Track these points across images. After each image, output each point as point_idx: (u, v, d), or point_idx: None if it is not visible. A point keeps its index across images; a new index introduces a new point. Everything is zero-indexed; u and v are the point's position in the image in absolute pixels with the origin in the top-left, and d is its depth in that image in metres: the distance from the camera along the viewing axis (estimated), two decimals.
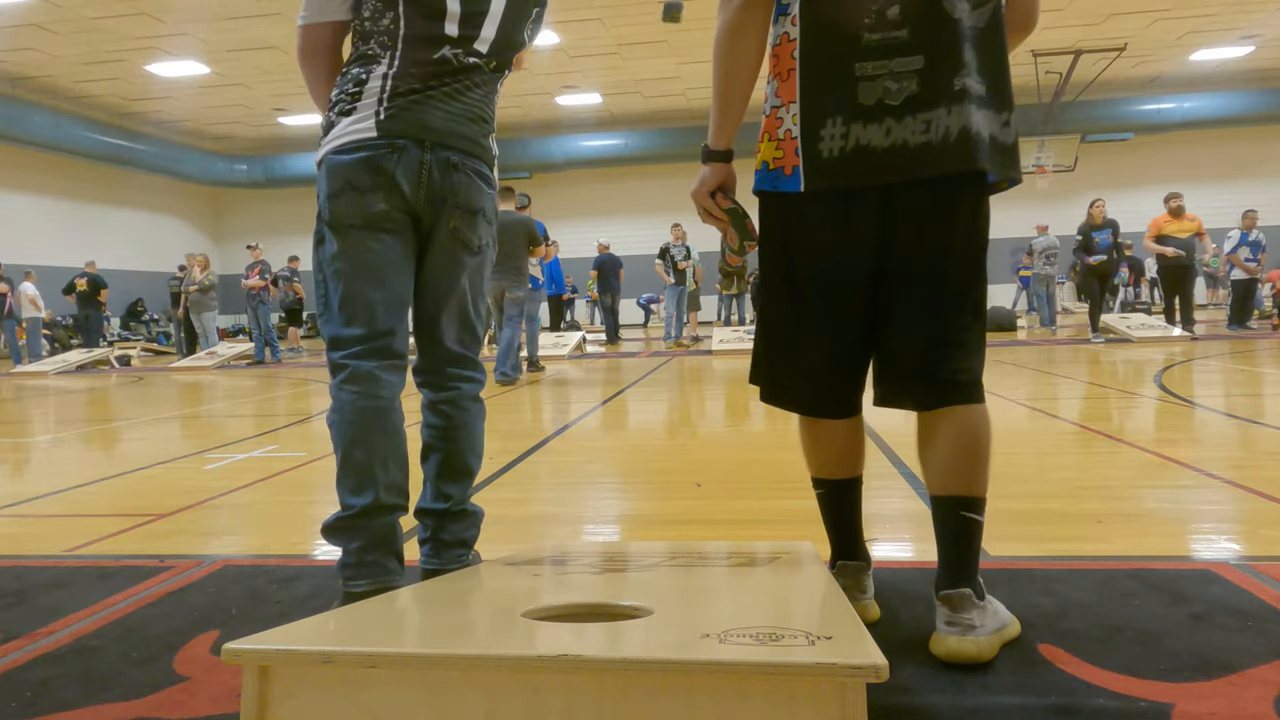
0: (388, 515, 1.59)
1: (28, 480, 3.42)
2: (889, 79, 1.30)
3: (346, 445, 1.57)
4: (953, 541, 1.38)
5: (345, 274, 1.59)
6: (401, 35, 1.60)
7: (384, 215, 1.58)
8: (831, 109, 1.34)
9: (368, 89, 1.59)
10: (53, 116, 14.43)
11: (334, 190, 1.58)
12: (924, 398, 1.40)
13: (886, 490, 2.65)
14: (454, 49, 1.62)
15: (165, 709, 1.28)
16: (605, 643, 1.00)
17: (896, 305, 1.39)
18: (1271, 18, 13.20)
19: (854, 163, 1.33)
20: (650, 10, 11.92)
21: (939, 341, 1.37)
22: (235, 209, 21.89)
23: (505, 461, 3.41)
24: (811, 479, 1.60)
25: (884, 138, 1.31)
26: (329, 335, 1.63)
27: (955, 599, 1.34)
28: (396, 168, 1.57)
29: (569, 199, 20.52)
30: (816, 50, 1.35)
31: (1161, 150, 18.36)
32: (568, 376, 7.63)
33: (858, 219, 1.36)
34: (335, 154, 1.59)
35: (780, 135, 1.41)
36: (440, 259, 1.67)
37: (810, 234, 1.41)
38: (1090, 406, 4.46)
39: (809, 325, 1.44)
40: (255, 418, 5.32)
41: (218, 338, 12.43)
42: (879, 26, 1.30)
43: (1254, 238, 10.26)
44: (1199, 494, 2.50)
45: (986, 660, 1.32)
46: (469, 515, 1.77)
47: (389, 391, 1.61)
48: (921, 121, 1.29)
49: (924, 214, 1.34)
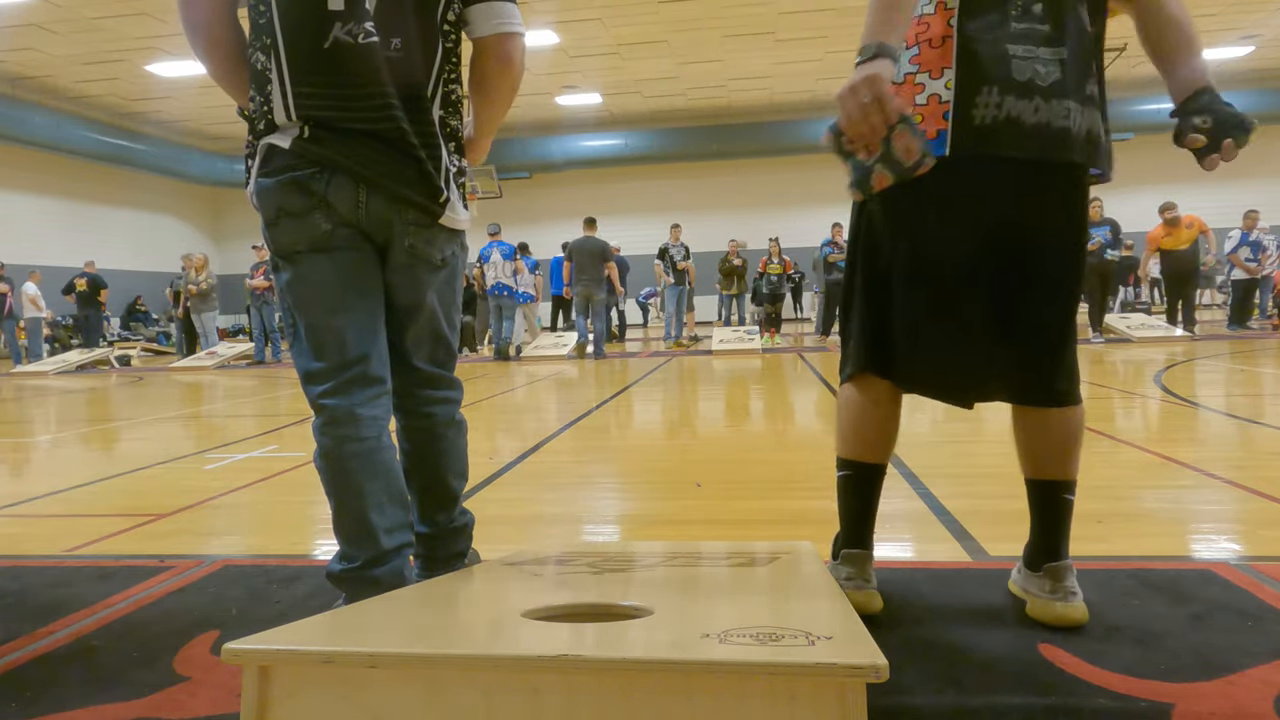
0: (394, 560, 1.49)
1: (28, 480, 3.42)
2: (1038, 63, 1.36)
3: (337, 493, 1.48)
4: (1054, 520, 1.51)
5: (305, 303, 1.46)
6: (278, 27, 1.38)
7: (328, 235, 1.43)
8: (989, 78, 1.36)
9: (271, 100, 1.40)
10: (53, 116, 14.42)
11: (270, 217, 1.44)
12: (1033, 393, 1.48)
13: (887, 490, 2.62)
14: (345, 25, 1.37)
15: (165, 709, 1.28)
16: (605, 643, 1.00)
17: (1012, 291, 1.44)
18: (1271, 18, 13.19)
19: (1005, 132, 1.36)
20: (650, 10, 11.92)
21: (1056, 337, 1.46)
22: (235, 209, 21.87)
23: (505, 461, 3.41)
24: (838, 460, 1.63)
25: (1033, 114, 1.35)
26: (301, 370, 1.50)
27: (1060, 570, 1.48)
28: (327, 190, 1.40)
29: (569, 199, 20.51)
30: (973, 24, 1.38)
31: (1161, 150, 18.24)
32: (568, 376, 7.63)
33: (997, 190, 1.40)
34: (262, 177, 1.43)
35: (922, 100, 1.40)
36: (400, 277, 1.52)
37: (948, 204, 1.41)
38: (1091, 406, 4.46)
39: (948, 300, 1.45)
40: (255, 418, 5.32)
41: (218, 338, 12.43)
42: (1024, 17, 1.37)
43: (1254, 238, 10.26)
44: (1199, 494, 2.50)
45: (1086, 622, 1.46)
46: (459, 530, 1.74)
47: (373, 430, 1.47)
48: (1064, 107, 1.36)
49: (1054, 199, 1.42)
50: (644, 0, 11.58)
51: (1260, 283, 10.84)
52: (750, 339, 10.31)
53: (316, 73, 1.39)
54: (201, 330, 11.73)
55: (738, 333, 10.74)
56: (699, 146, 17.84)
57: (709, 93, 16.63)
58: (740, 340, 10.26)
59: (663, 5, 11.80)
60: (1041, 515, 1.53)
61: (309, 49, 1.39)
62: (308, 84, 1.40)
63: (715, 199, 19.30)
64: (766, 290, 11.94)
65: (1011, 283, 1.44)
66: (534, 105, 16.68)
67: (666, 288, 11.63)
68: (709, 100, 17.18)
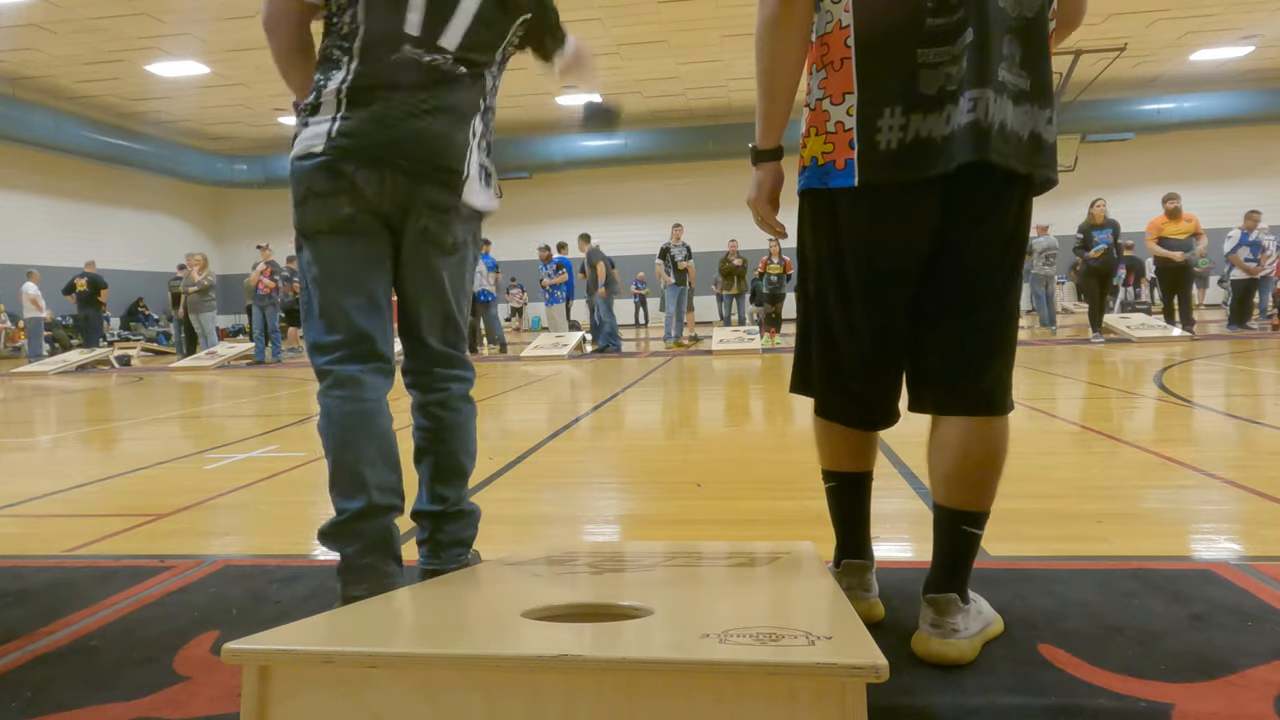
0: (382, 517, 1.58)
1: (28, 480, 3.41)
2: (950, 65, 1.25)
3: (336, 450, 1.57)
4: (948, 551, 1.39)
5: (321, 280, 1.59)
6: (360, 36, 1.57)
7: (350, 219, 1.56)
8: (891, 98, 1.28)
9: (325, 95, 1.56)
10: (53, 116, 14.43)
11: (299, 197, 1.58)
12: (947, 400, 1.37)
13: (887, 490, 2.64)
14: (415, 49, 1.57)
15: (165, 709, 1.28)
16: (605, 643, 1.00)
17: (932, 302, 1.36)
18: (1271, 18, 13.20)
19: (914, 154, 1.27)
20: (650, 10, 11.93)
21: (969, 343, 1.34)
22: (235, 209, 21.89)
23: (505, 461, 3.40)
24: (822, 472, 1.59)
25: (944, 126, 1.26)
26: (311, 341, 1.62)
27: (941, 603, 1.36)
28: (356, 173, 1.54)
29: (569, 199, 20.53)
30: (874, 37, 1.29)
31: (1161, 150, 18.35)
32: (568, 376, 7.63)
33: (917, 214, 1.31)
34: (299, 159, 1.58)
35: (830, 128, 1.35)
36: (414, 259, 1.64)
37: (865, 232, 1.35)
38: (1090, 406, 4.46)
39: (863, 329, 1.40)
40: (255, 418, 5.32)
41: (217, 338, 12.43)
42: (942, 10, 1.25)
43: (1254, 238, 10.26)
44: (1199, 494, 2.50)
45: (967, 661, 1.33)
46: (465, 515, 1.77)
47: (374, 394, 1.60)
48: (969, 100, 1.24)
49: (975, 210, 1.30)
50: (644, 0, 11.59)
51: (1260, 283, 10.85)
52: (750, 339, 10.31)
53: (380, 74, 1.56)
54: (200, 330, 11.73)
55: (738, 333, 10.74)
56: (699, 146, 17.84)
57: (709, 93, 16.64)
58: (740, 340, 10.26)
59: (663, 5, 11.81)
60: (936, 539, 1.40)
61: (379, 55, 1.57)
62: (367, 75, 1.56)
63: (715, 199, 19.31)
64: (766, 290, 11.94)
65: (932, 301, 1.36)
66: (534, 105, 16.68)
67: (667, 288, 11.63)
68: (709, 100, 17.18)
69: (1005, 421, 1.37)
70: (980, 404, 1.35)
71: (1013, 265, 1.35)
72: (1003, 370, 1.36)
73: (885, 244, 1.35)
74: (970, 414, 1.35)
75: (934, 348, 1.37)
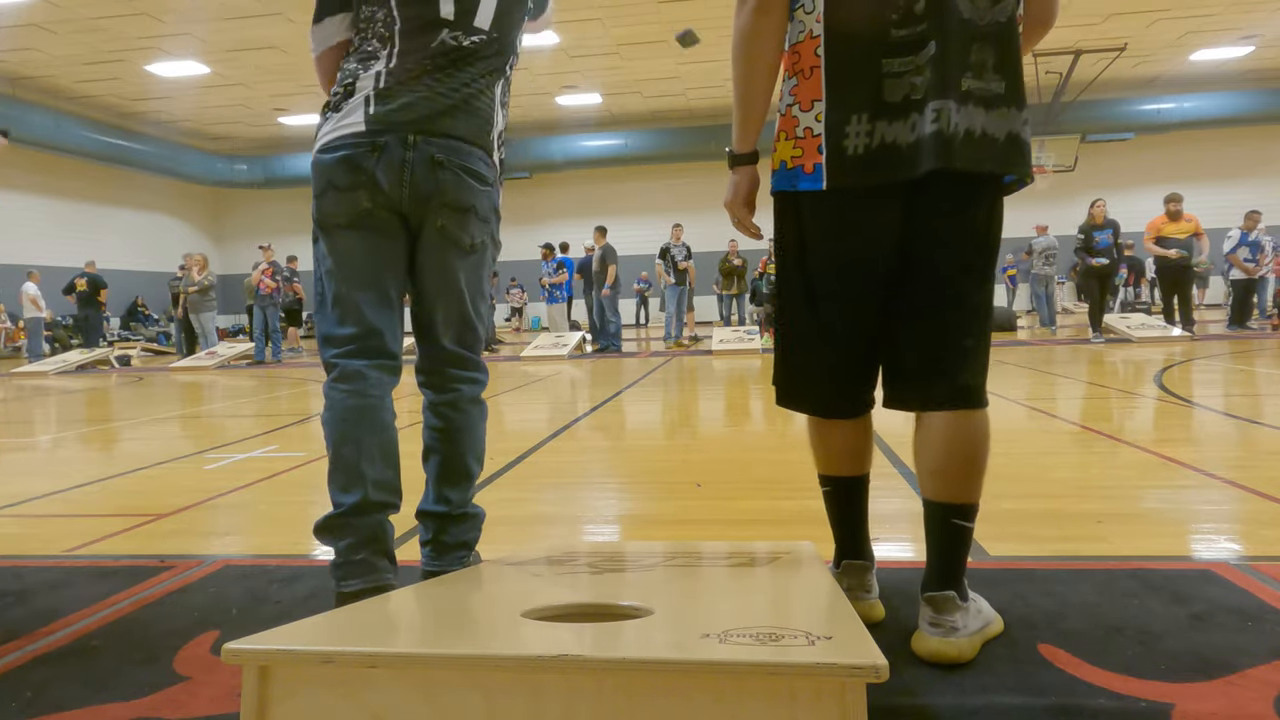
0: (377, 513, 1.58)
1: (28, 480, 3.41)
2: (914, 74, 1.29)
3: (336, 443, 1.58)
4: (942, 546, 1.39)
5: (335, 273, 1.60)
6: (398, 29, 1.60)
7: (367, 214, 1.57)
8: (858, 105, 1.32)
9: (360, 84, 1.59)
10: (53, 116, 14.43)
11: (319, 190, 1.60)
12: (926, 397, 1.40)
13: (887, 490, 2.64)
14: (452, 32, 1.61)
15: (165, 709, 1.28)
16: (605, 643, 1.00)
17: (905, 304, 1.39)
18: (1271, 18, 13.20)
19: (880, 159, 1.31)
20: (650, 10, 11.93)
21: (943, 342, 1.37)
22: (235, 209, 21.89)
23: (505, 461, 3.41)
24: (819, 476, 1.60)
25: (909, 134, 1.30)
26: (322, 333, 1.63)
27: (939, 601, 1.36)
28: (376, 167, 1.56)
29: (569, 199, 20.53)
30: (842, 47, 1.33)
31: (1161, 150, 18.36)
32: (568, 376, 7.63)
33: (881, 218, 1.35)
34: (320, 153, 1.60)
35: (799, 133, 1.39)
36: (431, 258, 1.65)
37: (831, 234, 1.39)
38: (1090, 406, 4.46)
39: (827, 328, 1.44)
40: (255, 418, 5.32)
41: (217, 338, 12.43)
42: (906, 22, 1.29)
43: (1254, 238, 10.26)
44: (1199, 494, 2.50)
45: (967, 660, 1.34)
46: (470, 518, 1.77)
47: (378, 390, 1.61)
48: (933, 110, 1.27)
49: (941, 214, 1.33)
50: (644, 0, 11.59)
51: (1259, 283, 10.85)
52: (750, 339, 10.31)
53: (417, 62, 1.60)
54: (200, 330, 11.73)
55: (738, 333, 10.74)
56: (699, 146, 17.84)
57: (709, 93, 16.64)
58: (740, 340, 10.27)
59: (663, 5, 11.81)
60: (929, 538, 1.41)
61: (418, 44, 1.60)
62: (406, 63, 1.59)
63: (715, 199, 19.11)
64: (766, 290, 11.95)
65: (906, 302, 1.38)
66: (534, 105, 16.69)
67: (667, 287, 11.64)
68: (709, 100, 17.19)
69: (985, 414, 1.40)
70: (959, 399, 1.37)
71: (984, 265, 1.38)
72: (979, 365, 1.39)
73: (851, 246, 1.39)
74: (950, 409, 1.38)
75: (910, 346, 1.40)
